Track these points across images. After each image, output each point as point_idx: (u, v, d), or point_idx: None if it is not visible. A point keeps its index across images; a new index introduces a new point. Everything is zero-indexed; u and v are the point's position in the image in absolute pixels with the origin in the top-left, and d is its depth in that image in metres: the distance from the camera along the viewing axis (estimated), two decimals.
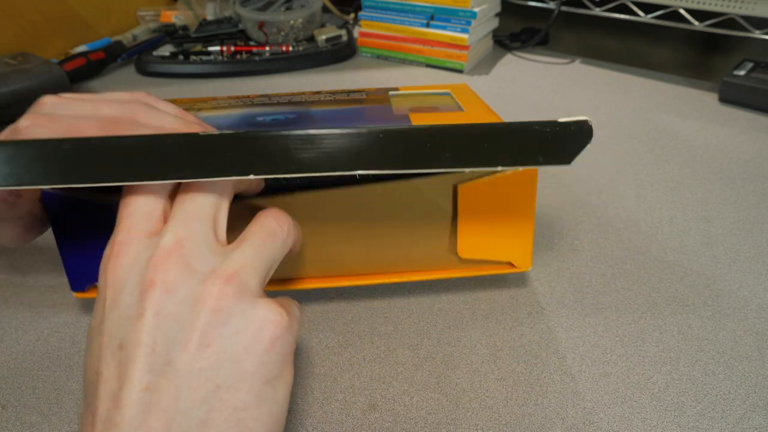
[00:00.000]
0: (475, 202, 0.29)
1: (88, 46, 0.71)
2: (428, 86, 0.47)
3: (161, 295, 0.20)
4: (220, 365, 0.20)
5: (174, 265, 0.20)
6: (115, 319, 0.20)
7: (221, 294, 0.20)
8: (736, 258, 0.38)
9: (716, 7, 0.58)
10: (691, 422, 0.27)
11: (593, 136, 0.52)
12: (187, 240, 0.21)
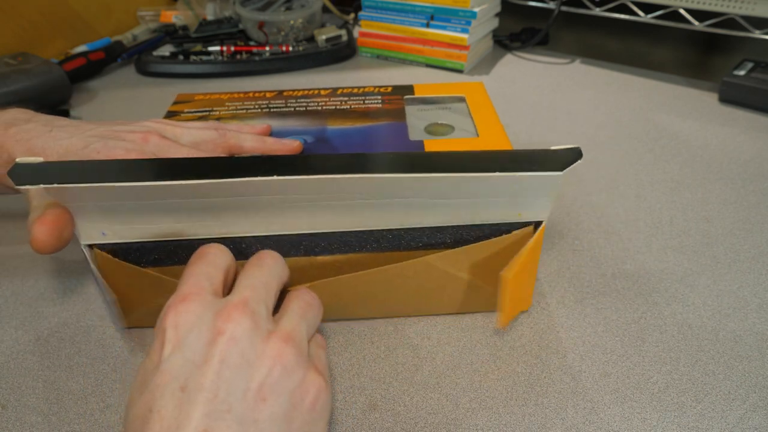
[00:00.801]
0: (515, 288, 0.31)
1: (88, 46, 0.71)
2: (444, 85, 0.47)
3: (228, 344, 0.21)
4: (273, 419, 0.21)
5: (242, 319, 0.22)
6: (178, 361, 0.21)
7: (281, 353, 0.22)
8: (736, 258, 0.38)
9: (716, 7, 0.58)
10: (691, 422, 0.27)
11: (595, 135, 0.52)
12: (252, 301, 0.23)
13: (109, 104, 0.63)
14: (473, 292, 0.32)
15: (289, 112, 0.43)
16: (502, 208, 0.29)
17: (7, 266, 0.39)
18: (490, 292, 0.32)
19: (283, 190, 0.27)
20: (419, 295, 0.32)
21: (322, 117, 0.41)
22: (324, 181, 0.26)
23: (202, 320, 0.22)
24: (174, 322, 0.22)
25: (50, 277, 0.38)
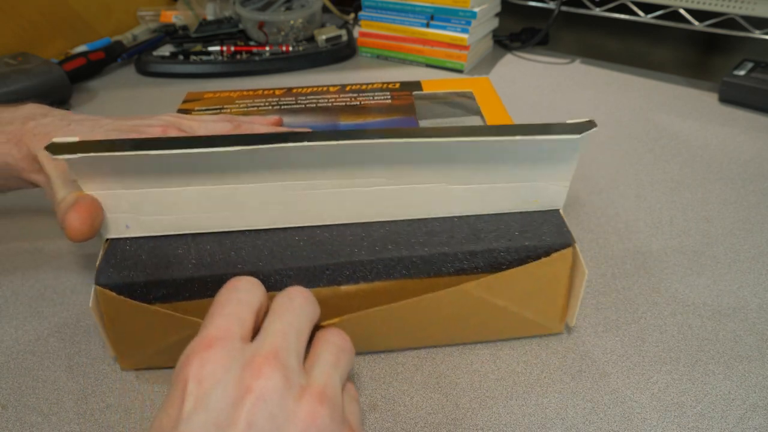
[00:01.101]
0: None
1: (88, 46, 0.71)
2: (451, 81, 0.47)
3: (257, 405, 0.19)
4: None
5: (273, 374, 0.20)
6: (201, 422, 0.19)
7: (315, 414, 0.20)
8: (736, 258, 0.38)
9: (716, 7, 0.58)
10: (691, 422, 0.27)
11: (595, 135, 0.52)
12: (283, 351, 0.21)
13: (109, 104, 0.63)
14: (508, 318, 0.30)
15: (300, 108, 0.43)
16: (521, 194, 0.30)
17: (7, 266, 0.39)
18: (526, 318, 0.31)
19: (309, 161, 0.27)
20: (452, 324, 0.30)
21: (333, 113, 0.42)
22: (353, 147, 0.26)
23: (228, 374, 0.20)
24: (198, 375, 0.20)
25: (50, 277, 0.38)
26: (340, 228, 0.30)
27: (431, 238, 0.29)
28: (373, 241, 0.29)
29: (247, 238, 0.29)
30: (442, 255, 0.28)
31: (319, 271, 0.28)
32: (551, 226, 0.29)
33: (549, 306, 0.30)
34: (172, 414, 0.19)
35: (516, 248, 0.28)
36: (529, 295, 0.30)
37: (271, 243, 0.29)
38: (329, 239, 0.29)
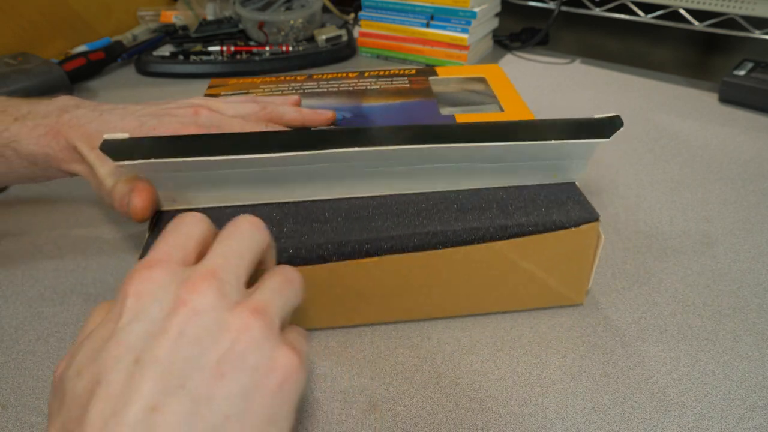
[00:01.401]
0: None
1: (88, 46, 0.71)
2: (464, 67, 0.49)
3: (189, 316, 0.20)
4: (230, 397, 0.19)
5: (208, 290, 0.20)
6: (135, 332, 0.20)
7: (246, 325, 0.20)
8: (736, 258, 0.38)
9: (716, 7, 0.58)
10: (691, 422, 0.27)
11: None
12: (221, 270, 0.21)
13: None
14: (535, 285, 0.32)
15: (323, 92, 0.45)
16: (543, 170, 0.32)
17: (7, 265, 0.39)
18: (550, 286, 0.32)
19: (358, 159, 0.29)
20: (480, 288, 0.32)
21: (355, 96, 0.44)
22: (400, 152, 0.28)
23: (165, 290, 0.21)
24: (136, 290, 0.21)
25: (50, 277, 0.38)
26: (377, 204, 0.31)
27: (463, 214, 0.30)
28: (408, 217, 0.30)
29: (287, 212, 0.31)
30: (474, 230, 0.30)
31: (358, 245, 0.29)
32: (575, 203, 0.31)
33: (573, 275, 0.32)
34: (109, 326, 0.20)
35: (544, 223, 0.30)
36: (555, 262, 0.31)
37: (312, 218, 0.31)
38: (368, 215, 0.31)
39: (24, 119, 0.33)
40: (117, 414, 0.18)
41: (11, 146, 0.32)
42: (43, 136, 0.32)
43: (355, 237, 0.29)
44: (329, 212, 0.31)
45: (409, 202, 0.31)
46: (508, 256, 0.31)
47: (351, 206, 0.31)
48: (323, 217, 0.31)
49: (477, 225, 0.30)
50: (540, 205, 0.31)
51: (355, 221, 0.30)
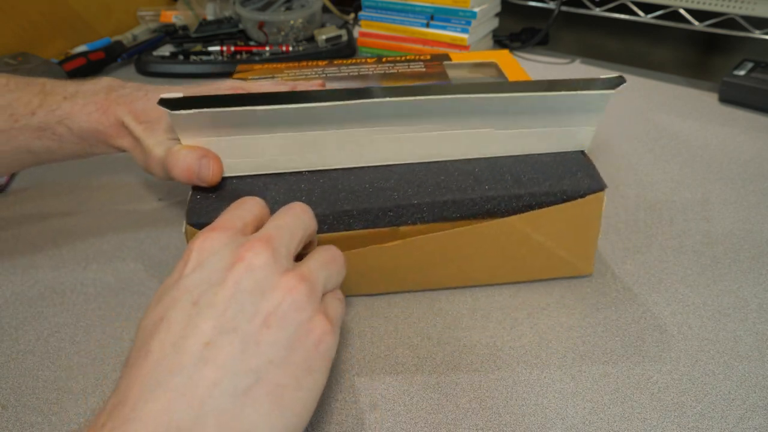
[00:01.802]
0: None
1: (88, 46, 0.71)
2: (475, 53, 0.53)
3: (246, 271, 0.23)
4: (275, 345, 0.22)
5: (263, 251, 0.23)
6: (196, 280, 0.23)
7: (293, 288, 0.23)
8: (736, 258, 0.38)
9: (716, 7, 0.58)
10: (691, 422, 0.27)
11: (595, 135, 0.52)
12: (275, 239, 0.24)
13: None
14: (545, 255, 0.34)
15: (344, 76, 0.47)
16: (556, 135, 0.34)
17: (7, 266, 0.39)
18: (560, 257, 0.34)
19: (382, 113, 0.31)
20: (494, 258, 0.34)
21: (375, 79, 0.47)
22: (427, 102, 0.31)
23: (226, 247, 0.24)
24: (200, 246, 0.24)
25: (50, 277, 0.38)
26: (399, 176, 0.33)
27: (480, 184, 0.32)
28: (428, 187, 0.32)
29: (318, 183, 0.33)
30: (490, 198, 0.32)
31: (382, 212, 0.32)
32: (585, 174, 0.33)
33: (580, 245, 0.34)
34: (174, 276, 0.24)
35: (555, 192, 0.32)
36: (564, 233, 0.33)
37: (340, 188, 0.32)
38: (391, 186, 0.32)
39: (74, 98, 0.35)
40: (176, 345, 0.21)
41: (64, 123, 0.34)
42: (93, 112, 0.34)
43: (378, 204, 0.31)
44: (354, 183, 0.33)
45: (429, 173, 0.33)
46: (521, 228, 0.32)
47: (374, 178, 0.33)
48: (348, 188, 0.32)
49: (492, 194, 0.32)
50: (551, 175, 0.33)
51: (379, 191, 0.32)
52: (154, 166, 0.34)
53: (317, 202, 0.31)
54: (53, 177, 0.49)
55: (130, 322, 0.34)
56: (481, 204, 0.32)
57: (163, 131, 0.34)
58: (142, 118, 0.34)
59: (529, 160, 0.34)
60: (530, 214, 0.32)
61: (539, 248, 0.34)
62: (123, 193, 0.47)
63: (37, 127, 0.34)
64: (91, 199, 0.46)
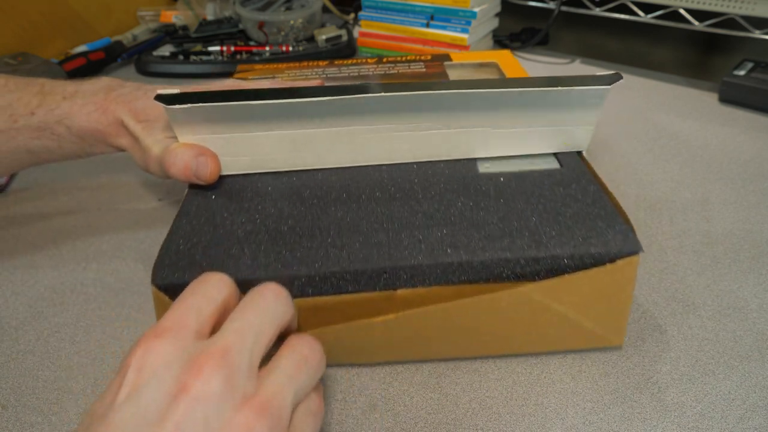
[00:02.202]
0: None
1: (88, 46, 0.71)
2: (476, 53, 0.53)
3: (191, 406, 0.18)
4: None
5: (215, 375, 0.19)
6: (129, 414, 0.18)
7: (251, 427, 0.19)
8: (736, 258, 0.38)
9: (716, 7, 0.58)
10: (691, 422, 0.27)
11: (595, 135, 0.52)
12: (234, 351, 0.20)
13: None
14: (566, 326, 0.29)
15: (344, 76, 0.47)
16: (553, 135, 0.33)
17: (7, 265, 0.39)
18: (585, 327, 0.29)
19: (377, 108, 0.31)
20: (506, 331, 0.29)
21: (374, 79, 0.47)
22: (421, 96, 0.30)
23: (169, 368, 0.19)
24: (139, 363, 0.19)
25: (50, 277, 0.38)
26: (397, 227, 0.29)
27: (491, 242, 0.28)
28: (430, 244, 0.28)
29: (308, 239, 0.29)
30: (503, 261, 0.27)
31: (375, 274, 0.27)
32: (616, 231, 0.28)
33: (610, 315, 0.29)
34: (106, 400, 0.19)
35: (581, 255, 0.27)
36: (590, 302, 0.28)
37: (326, 245, 0.28)
38: (386, 241, 0.28)
39: (73, 98, 0.35)
40: None
41: (63, 123, 0.34)
42: (93, 112, 0.34)
43: (371, 265, 0.27)
44: (345, 237, 0.28)
45: (433, 223, 0.29)
46: (540, 299, 0.27)
47: (370, 228, 0.29)
48: (339, 242, 0.28)
49: (506, 256, 0.27)
50: (576, 232, 0.28)
51: (374, 246, 0.28)
52: (153, 164, 0.34)
53: (301, 259, 0.27)
54: (53, 177, 0.49)
55: (130, 322, 0.34)
56: (492, 267, 0.27)
57: (161, 130, 0.34)
58: (141, 117, 0.34)
59: (548, 208, 0.30)
60: (551, 282, 0.27)
61: (560, 319, 0.28)
62: (123, 193, 0.47)
63: (37, 127, 0.34)
64: (91, 199, 0.46)
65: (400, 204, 0.31)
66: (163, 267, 0.27)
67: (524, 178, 0.32)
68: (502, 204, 0.30)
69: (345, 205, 0.31)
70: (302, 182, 0.33)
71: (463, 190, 0.32)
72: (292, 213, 0.30)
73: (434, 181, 0.33)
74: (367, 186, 0.32)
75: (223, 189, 0.33)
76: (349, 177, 0.33)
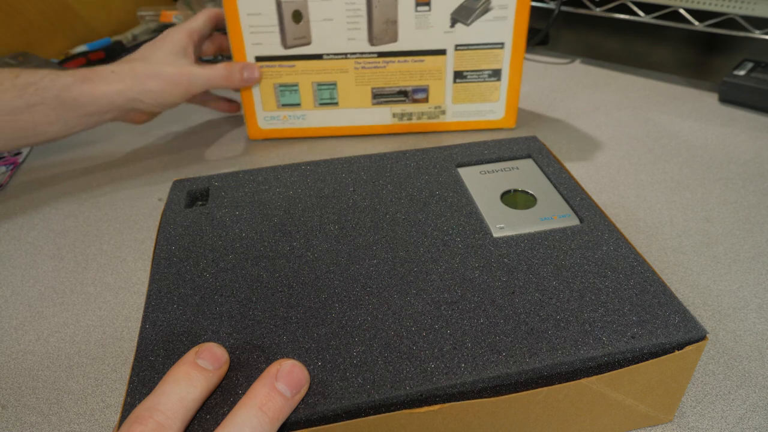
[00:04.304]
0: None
1: (88, 46, 0.71)
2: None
3: None
4: None
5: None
6: None
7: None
8: (736, 258, 0.38)
9: (716, 7, 0.58)
10: (691, 422, 0.27)
11: (595, 135, 0.52)
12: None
13: None
14: (621, 412, 0.26)
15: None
16: None
17: (7, 265, 0.39)
18: (640, 412, 0.26)
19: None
20: (560, 423, 0.25)
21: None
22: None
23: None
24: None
25: (50, 277, 0.38)
26: (419, 323, 0.25)
27: (537, 341, 0.24)
28: (463, 346, 0.24)
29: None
30: (553, 366, 0.23)
31: (398, 402, 0.22)
32: (674, 315, 0.25)
33: (667, 398, 0.26)
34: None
35: (641, 347, 0.24)
36: (651, 389, 0.25)
37: (344, 365, 0.23)
38: (415, 348, 0.24)
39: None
40: None
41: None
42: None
43: (396, 393, 0.22)
44: (367, 350, 0.24)
45: (458, 314, 0.25)
46: (596, 390, 0.24)
47: (402, 341, 0.24)
48: (363, 362, 0.23)
49: (556, 360, 0.23)
50: (629, 320, 0.24)
51: (407, 360, 0.23)
52: (165, 84, 0.44)
53: (317, 391, 0.22)
54: (53, 177, 0.49)
55: (130, 322, 0.34)
56: (539, 372, 0.23)
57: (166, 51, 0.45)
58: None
59: (587, 284, 0.26)
60: (612, 374, 0.23)
61: (617, 406, 0.25)
62: (123, 193, 0.47)
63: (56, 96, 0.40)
64: (91, 199, 0.46)
65: (415, 292, 0.26)
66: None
67: (545, 241, 0.29)
68: (532, 279, 0.27)
69: (354, 302, 0.26)
70: (293, 270, 0.28)
71: (485, 265, 0.28)
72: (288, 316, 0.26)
73: (445, 252, 0.29)
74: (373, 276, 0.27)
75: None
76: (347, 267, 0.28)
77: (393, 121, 0.54)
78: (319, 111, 0.53)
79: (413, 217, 0.31)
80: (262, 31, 0.48)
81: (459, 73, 0.51)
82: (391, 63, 0.51)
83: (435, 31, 0.49)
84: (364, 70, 0.51)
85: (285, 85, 0.51)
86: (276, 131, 0.54)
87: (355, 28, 0.48)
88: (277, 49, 0.49)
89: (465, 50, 0.50)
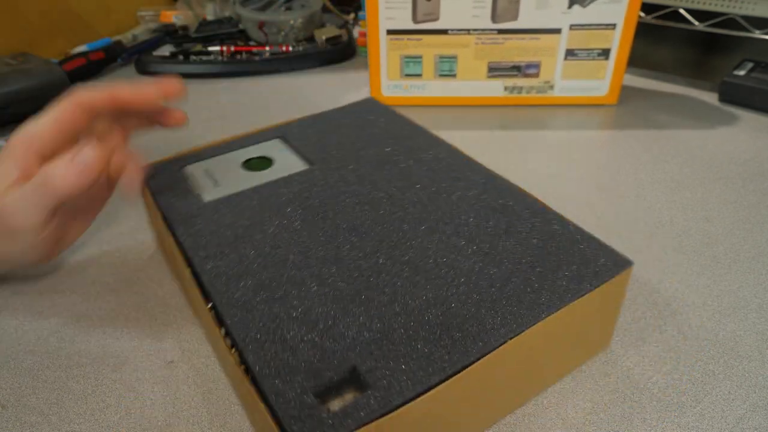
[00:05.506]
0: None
1: (88, 46, 0.71)
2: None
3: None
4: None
5: None
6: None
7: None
8: (736, 258, 0.38)
9: (716, 7, 0.58)
10: (691, 422, 0.27)
11: (595, 135, 0.51)
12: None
13: None
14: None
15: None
16: None
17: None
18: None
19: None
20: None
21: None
22: None
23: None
24: None
25: (50, 276, 0.38)
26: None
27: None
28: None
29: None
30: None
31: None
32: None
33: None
34: None
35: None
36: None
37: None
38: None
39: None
40: None
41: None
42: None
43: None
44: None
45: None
46: (551, 331, 0.26)
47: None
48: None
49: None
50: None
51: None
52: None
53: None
54: None
55: (130, 322, 0.34)
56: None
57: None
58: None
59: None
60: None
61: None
62: None
63: None
64: None
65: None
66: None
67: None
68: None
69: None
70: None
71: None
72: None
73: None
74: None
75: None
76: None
77: (504, 93, 0.58)
78: (438, 82, 0.58)
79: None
80: (396, 6, 0.53)
81: (570, 51, 0.55)
82: (509, 40, 0.55)
83: (553, 11, 0.53)
84: (483, 45, 0.55)
85: (410, 57, 0.56)
86: (397, 99, 0.59)
87: (480, 6, 0.53)
88: (408, 23, 0.54)
89: (579, 30, 0.54)
